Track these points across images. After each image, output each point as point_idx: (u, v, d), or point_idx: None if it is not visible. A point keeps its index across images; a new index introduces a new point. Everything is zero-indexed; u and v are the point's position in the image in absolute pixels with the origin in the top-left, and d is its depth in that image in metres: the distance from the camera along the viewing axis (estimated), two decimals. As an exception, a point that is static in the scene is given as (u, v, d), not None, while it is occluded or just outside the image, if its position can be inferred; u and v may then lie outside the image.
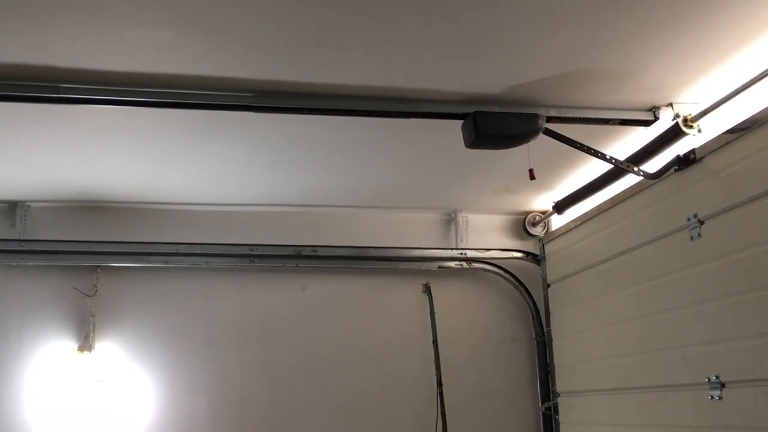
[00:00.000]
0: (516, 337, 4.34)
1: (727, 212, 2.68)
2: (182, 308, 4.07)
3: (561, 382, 4.05)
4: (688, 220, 2.89)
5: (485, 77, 2.71)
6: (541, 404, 4.19)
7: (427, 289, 4.31)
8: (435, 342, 4.22)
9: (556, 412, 4.07)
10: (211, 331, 4.06)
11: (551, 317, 4.17)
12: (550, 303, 4.20)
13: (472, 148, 2.94)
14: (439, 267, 4.30)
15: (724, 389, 2.67)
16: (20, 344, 3.84)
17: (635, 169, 3.08)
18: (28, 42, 2.36)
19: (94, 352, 3.85)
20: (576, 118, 2.99)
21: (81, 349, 3.81)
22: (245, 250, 4.06)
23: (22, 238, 3.91)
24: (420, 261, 4.27)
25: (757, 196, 2.53)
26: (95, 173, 3.60)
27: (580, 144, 3.03)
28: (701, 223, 2.83)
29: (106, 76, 2.59)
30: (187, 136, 3.18)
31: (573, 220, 3.93)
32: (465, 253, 4.29)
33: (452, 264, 4.29)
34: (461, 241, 4.38)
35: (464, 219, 4.42)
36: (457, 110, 2.89)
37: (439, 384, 4.13)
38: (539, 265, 4.32)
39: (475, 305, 4.37)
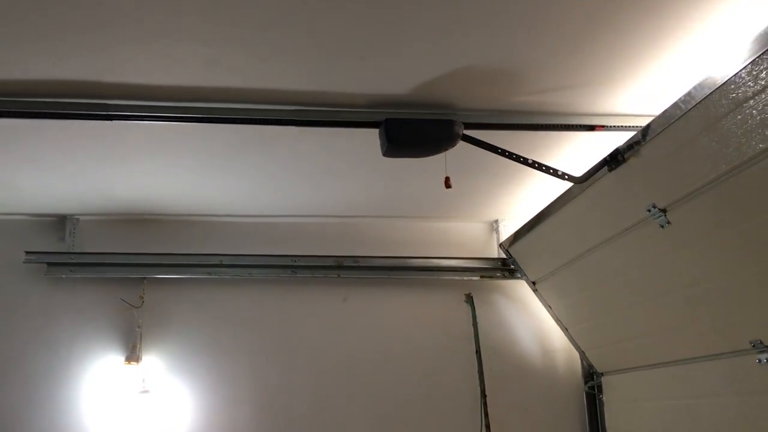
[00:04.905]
0: (560, 347, 4.28)
1: (686, 200, 2.59)
2: (226, 319, 4.11)
3: (598, 365, 4.00)
4: (649, 211, 2.80)
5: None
6: (585, 384, 4.14)
7: (470, 299, 4.28)
8: (478, 352, 4.18)
9: (600, 391, 4.01)
10: (255, 341, 4.10)
11: (552, 310, 4.08)
12: (546, 298, 4.10)
13: (387, 156, 2.88)
14: (482, 277, 4.27)
15: None
16: (69, 355, 3.92)
17: (560, 173, 2.98)
18: (78, 59, 2.42)
19: (141, 363, 3.91)
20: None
21: (128, 360, 3.86)
22: (287, 261, 4.09)
23: (71, 251, 4.00)
24: (462, 271, 4.25)
25: (715, 179, 2.43)
26: (141, 187, 3.67)
27: (501, 149, 2.95)
28: (664, 211, 2.73)
29: (152, 90, 2.64)
30: (230, 148, 3.22)
31: (527, 222, 3.78)
32: (507, 263, 4.24)
33: (495, 274, 4.25)
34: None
35: (506, 228, 4.38)
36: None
37: (483, 394, 4.10)
38: (512, 266, 4.20)
39: (518, 315, 4.33)
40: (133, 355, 3.87)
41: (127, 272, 3.99)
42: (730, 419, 2.88)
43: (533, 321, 4.31)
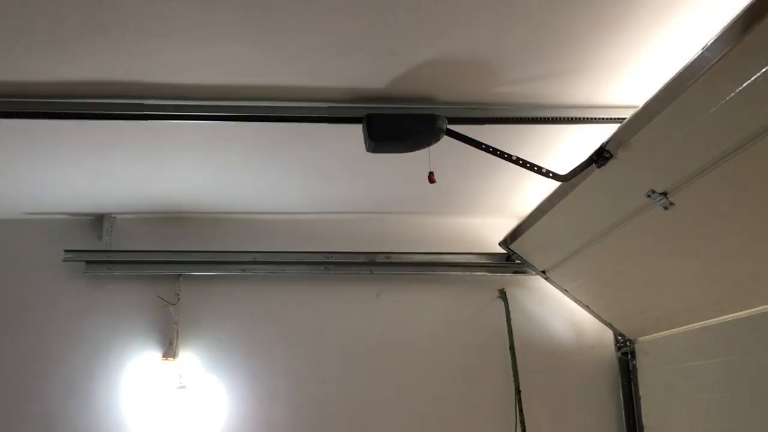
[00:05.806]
0: (596, 343, 4.24)
1: (687, 182, 2.52)
2: (260, 316, 4.15)
3: (628, 333, 3.99)
4: (649, 196, 2.71)
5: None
6: (618, 350, 4.13)
7: (503, 295, 4.27)
8: (512, 348, 4.16)
9: (633, 357, 3.99)
10: (289, 338, 4.13)
11: (569, 293, 4.06)
12: (560, 284, 4.06)
13: (371, 152, 2.83)
14: (515, 272, 4.25)
15: None
16: (108, 352, 3.99)
17: (544, 170, 2.88)
18: (114, 60, 2.46)
19: (177, 359, 3.96)
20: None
21: (165, 356, 3.92)
22: (320, 258, 4.11)
23: (108, 249, 4.07)
24: (495, 267, 4.23)
25: (711, 162, 2.37)
26: (177, 185, 3.72)
27: (485, 145, 2.86)
28: (664, 194, 2.65)
29: (186, 89, 2.67)
30: (264, 146, 3.25)
31: (525, 219, 3.73)
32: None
33: (528, 269, 4.23)
34: (537, 245, 4.30)
35: (539, 223, 4.35)
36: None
37: (518, 391, 4.08)
38: (517, 262, 4.16)
39: (552, 311, 4.29)
40: (169, 352, 3.93)
41: (164, 270, 4.06)
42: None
43: (566, 314, 4.27)
